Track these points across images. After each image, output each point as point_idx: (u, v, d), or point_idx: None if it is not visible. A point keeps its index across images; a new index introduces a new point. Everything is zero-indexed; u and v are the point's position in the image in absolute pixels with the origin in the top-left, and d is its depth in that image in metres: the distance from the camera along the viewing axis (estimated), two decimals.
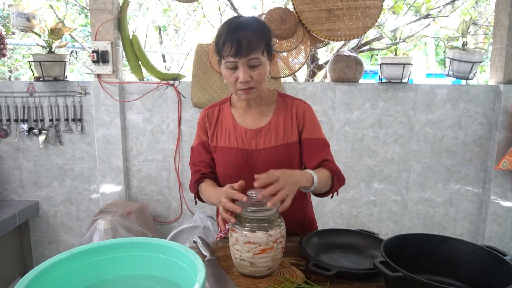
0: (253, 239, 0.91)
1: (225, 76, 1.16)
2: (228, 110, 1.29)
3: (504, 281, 0.78)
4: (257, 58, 1.11)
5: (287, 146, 1.23)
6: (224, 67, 1.15)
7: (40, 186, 2.50)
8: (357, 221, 2.58)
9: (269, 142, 1.22)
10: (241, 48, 1.07)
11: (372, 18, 2.26)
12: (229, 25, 1.12)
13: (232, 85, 1.16)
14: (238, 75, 1.11)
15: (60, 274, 0.79)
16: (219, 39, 1.13)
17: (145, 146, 2.46)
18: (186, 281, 0.78)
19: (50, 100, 2.37)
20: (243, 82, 1.12)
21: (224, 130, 1.27)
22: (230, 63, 1.11)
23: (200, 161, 1.29)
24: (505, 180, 2.47)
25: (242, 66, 1.10)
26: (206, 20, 4.13)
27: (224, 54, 1.11)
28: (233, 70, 1.12)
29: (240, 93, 1.17)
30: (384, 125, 2.48)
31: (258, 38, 1.11)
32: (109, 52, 2.30)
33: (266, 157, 1.22)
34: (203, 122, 1.30)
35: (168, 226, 2.55)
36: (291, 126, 1.25)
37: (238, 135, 1.24)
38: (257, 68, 1.13)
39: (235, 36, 1.08)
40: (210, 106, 1.33)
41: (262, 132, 1.23)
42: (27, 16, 2.27)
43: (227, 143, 1.26)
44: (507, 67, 2.39)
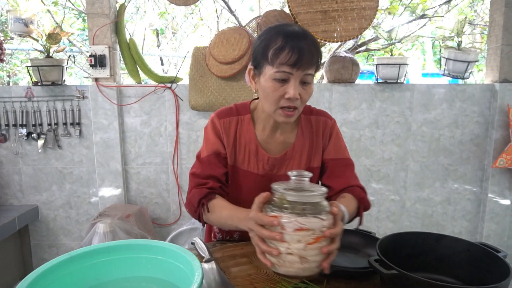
0: (306, 225, 0.74)
1: (267, 89, 0.99)
2: (250, 126, 1.13)
3: (498, 278, 0.79)
4: (311, 75, 0.98)
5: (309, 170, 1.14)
6: (270, 78, 0.97)
7: (39, 190, 2.51)
8: (354, 221, 2.59)
9: (291, 168, 1.13)
10: (302, 58, 0.94)
11: (368, 19, 2.28)
12: (284, 30, 0.97)
13: (272, 102, 0.99)
14: (287, 90, 0.96)
15: (59, 277, 0.80)
16: (270, 41, 0.97)
17: (144, 149, 2.47)
18: (184, 282, 0.79)
19: (48, 104, 2.38)
20: (292, 99, 0.96)
21: (244, 149, 1.13)
22: (284, 73, 0.95)
23: (209, 175, 1.09)
24: (502, 178, 2.48)
25: (294, 80, 0.96)
26: (203, 23, 4.15)
27: (276, 61, 0.95)
28: (282, 83, 0.97)
29: (280, 113, 1.00)
30: (381, 125, 2.50)
31: (318, 52, 0.98)
32: (106, 56, 2.31)
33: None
34: (218, 131, 1.12)
35: (167, 229, 2.55)
36: (314, 149, 1.14)
37: (260, 159, 1.13)
38: (307, 86, 0.99)
39: (297, 43, 0.94)
40: (225, 114, 1.14)
41: (286, 157, 1.13)
42: (25, 22, 2.28)
43: (246, 165, 1.13)
44: (502, 66, 2.40)
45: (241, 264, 1.04)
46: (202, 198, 1.05)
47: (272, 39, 0.97)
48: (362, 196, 1.09)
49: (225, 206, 1.02)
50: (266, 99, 1.01)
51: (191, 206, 1.09)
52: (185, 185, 2.51)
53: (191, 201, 1.08)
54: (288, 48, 0.93)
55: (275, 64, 0.96)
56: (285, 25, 1.01)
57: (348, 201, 1.04)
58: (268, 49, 0.97)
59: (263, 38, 1.00)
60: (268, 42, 0.98)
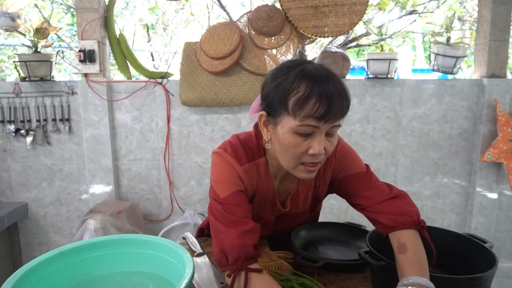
0: None
1: (289, 143, 0.83)
2: (267, 174, 0.99)
3: (485, 267, 0.80)
4: (339, 126, 0.83)
5: (315, 203, 1.13)
6: (291, 131, 0.81)
7: (28, 188, 2.48)
8: (346, 215, 2.62)
9: (296, 208, 1.08)
10: (331, 110, 0.78)
11: (358, 15, 2.29)
12: (306, 73, 0.80)
13: (294, 158, 0.85)
14: (311, 145, 0.81)
15: (50, 272, 0.80)
16: (291, 88, 0.80)
17: (135, 145, 2.46)
18: (175, 276, 0.79)
19: (37, 100, 2.35)
20: (316, 155, 0.82)
21: (261, 197, 1.02)
22: (309, 127, 0.79)
23: (246, 214, 0.89)
24: (490, 172, 2.52)
25: (320, 134, 0.81)
26: (194, 18, 4.13)
27: (300, 113, 0.78)
28: (305, 138, 0.81)
29: (301, 169, 0.86)
30: (371, 120, 2.52)
31: (347, 99, 0.82)
32: (96, 51, 2.29)
33: (292, 219, 1.12)
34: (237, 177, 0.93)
35: (159, 225, 2.55)
36: (320, 182, 1.06)
37: (273, 207, 1.06)
38: (332, 137, 0.85)
39: (324, 90, 0.77)
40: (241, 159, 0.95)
41: (292, 201, 1.06)
42: (12, 16, 2.24)
43: (260, 211, 1.05)
44: (490, 61, 2.44)
45: None
46: (241, 258, 0.81)
47: (293, 85, 0.80)
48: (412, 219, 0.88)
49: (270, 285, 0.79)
50: (284, 154, 0.86)
51: (222, 256, 0.83)
52: (177, 181, 2.51)
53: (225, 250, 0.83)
54: (315, 99, 0.77)
55: (298, 117, 0.79)
56: (306, 65, 0.83)
57: (415, 253, 0.82)
58: (289, 97, 0.80)
59: (280, 81, 0.82)
60: (288, 88, 0.80)
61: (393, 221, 0.89)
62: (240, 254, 0.80)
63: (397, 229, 0.88)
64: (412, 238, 0.85)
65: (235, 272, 0.80)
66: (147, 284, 0.85)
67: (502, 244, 2.65)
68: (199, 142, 2.47)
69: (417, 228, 0.88)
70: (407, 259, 0.81)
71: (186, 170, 2.50)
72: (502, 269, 2.60)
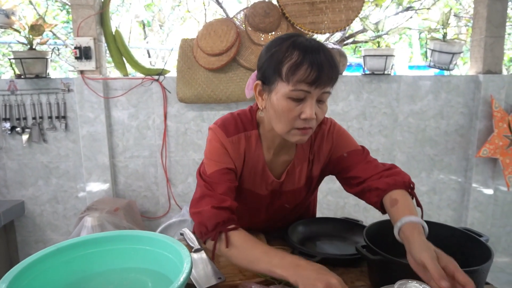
0: None
1: (280, 109, 0.88)
2: (258, 145, 1.03)
3: (481, 260, 0.81)
4: (329, 92, 0.89)
5: (309, 182, 1.13)
6: (285, 96, 0.87)
7: (25, 185, 2.47)
8: (343, 211, 2.63)
9: (292, 185, 1.09)
10: (321, 76, 0.84)
11: (355, 11, 2.29)
12: (299, 43, 0.87)
13: (286, 122, 0.90)
14: (303, 110, 0.87)
15: (46, 269, 0.80)
16: (285, 55, 0.86)
17: (131, 142, 2.45)
18: (173, 272, 0.79)
19: (32, 97, 2.34)
20: (308, 119, 0.88)
21: (250, 170, 1.04)
22: (301, 92, 0.85)
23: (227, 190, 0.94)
24: (486, 168, 2.54)
25: (311, 99, 0.86)
26: (190, 15, 4.11)
27: (293, 79, 0.85)
28: (297, 102, 0.87)
29: (294, 133, 0.91)
30: (368, 116, 2.52)
31: (337, 67, 0.88)
32: (92, 48, 2.27)
33: (287, 198, 1.12)
34: (225, 150, 0.99)
35: (156, 222, 2.54)
36: (314, 159, 1.09)
37: (264, 181, 1.07)
38: (323, 104, 0.91)
39: (315, 57, 0.84)
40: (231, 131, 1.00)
41: (287, 175, 1.08)
42: (6, 13, 2.22)
43: (251, 185, 1.06)
44: (486, 57, 2.45)
45: None
46: (219, 223, 0.88)
47: (286, 53, 0.86)
48: (403, 180, 0.97)
49: (254, 245, 0.85)
50: (279, 119, 0.90)
51: (202, 225, 0.90)
52: (174, 178, 2.50)
53: (204, 220, 0.90)
54: (307, 64, 0.83)
55: (291, 82, 0.85)
56: (298, 37, 0.89)
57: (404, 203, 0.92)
58: (282, 65, 0.86)
59: (275, 51, 0.88)
60: (282, 57, 0.86)
61: (387, 184, 0.97)
62: (218, 220, 0.88)
63: (390, 191, 0.96)
64: (402, 195, 0.95)
65: (215, 236, 0.87)
66: (145, 280, 0.85)
67: (497, 239, 2.67)
68: (196, 139, 2.46)
69: (407, 188, 0.97)
70: (399, 208, 0.90)
71: (183, 167, 2.49)
72: (497, 264, 2.62)
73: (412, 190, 0.99)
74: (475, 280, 0.78)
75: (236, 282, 0.89)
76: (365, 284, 0.92)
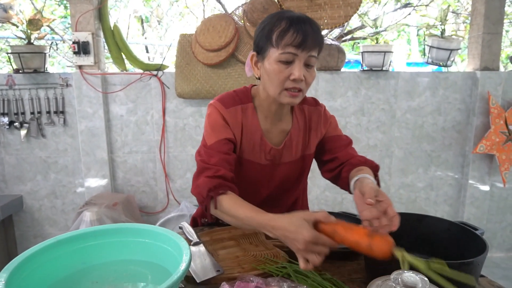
0: None
1: (272, 72, 0.99)
2: (254, 116, 1.12)
3: (476, 253, 0.82)
4: (315, 57, 0.99)
5: (303, 158, 1.19)
6: (274, 60, 0.98)
7: (23, 180, 2.47)
8: (341, 207, 2.64)
9: (289, 157, 1.16)
10: (307, 39, 0.95)
11: (354, 7, 2.29)
12: (287, 15, 0.99)
13: (278, 84, 0.99)
14: (292, 71, 0.97)
15: (46, 261, 0.80)
16: (275, 25, 0.98)
17: (130, 138, 2.45)
18: (172, 264, 0.79)
19: (30, 92, 2.33)
20: (297, 80, 0.97)
21: (249, 140, 1.12)
22: (289, 54, 0.96)
23: (220, 160, 1.02)
24: (482, 164, 2.56)
25: (299, 61, 0.97)
26: (189, 11, 4.10)
27: (281, 43, 0.96)
28: (286, 65, 0.97)
29: (285, 94, 1.01)
30: (366, 112, 2.53)
31: (321, 36, 1.00)
32: (90, 43, 2.27)
33: (284, 171, 1.17)
34: (223, 121, 1.08)
35: (155, 217, 2.55)
36: (309, 138, 1.18)
37: (263, 150, 1.13)
38: (311, 69, 1.00)
39: (301, 25, 0.96)
40: (228, 103, 1.10)
41: (285, 147, 1.15)
42: (4, 7, 2.21)
43: (251, 156, 1.13)
44: (483, 54, 2.46)
45: (228, 247, 1.05)
46: (211, 189, 0.97)
47: (276, 23, 0.98)
48: (369, 161, 1.12)
49: (240, 204, 0.94)
50: (271, 82, 1.01)
51: (199, 195, 1.00)
52: (172, 173, 2.51)
53: (200, 190, 0.99)
54: (293, 30, 0.95)
55: (280, 46, 0.96)
56: (287, 11, 1.02)
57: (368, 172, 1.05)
58: (272, 33, 0.98)
59: (267, 23, 1.01)
60: (272, 26, 0.99)
61: (359, 161, 1.11)
62: (210, 186, 0.97)
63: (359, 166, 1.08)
64: (368, 170, 1.06)
65: (208, 201, 0.97)
66: (144, 272, 0.86)
67: (493, 235, 2.70)
68: (194, 135, 2.47)
69: (375, 170, 1.09)
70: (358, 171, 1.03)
71: (182, 162, 2.50)
72: (492, 259, 2.64)
73: (377, 173, 1.11)
74: (469, 273, 0.80)
75: (234, 274, 0.89)
76: (362, 277, 0.93)
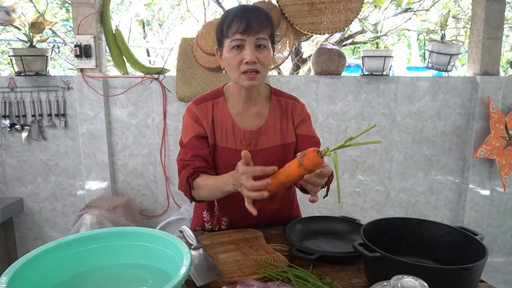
0: None
1: (228, 59, 1.09)
2: (224, 106, 1.21)
3: (475, 258, 0.82)
4: (264, 39, 1.07)
5: (284, 146, 1.21)
6: (228, 49, 1.08)
7: (24, 183, 2.47)
8: (341, 211, 2.64)
9: (267, 142, 1.20)
10: (251, 25, 1.04)
11: (354, 12, 2.30)
12: (236, 7, 1.10)
13: (235, 69, 1.09)
14: (244, 56, 1.06)
15: (47, 264, 0.81)
16: (224, 19, 1.09)
17: (131, 141, 2.46)
18: (172, 268, 0.80)
19: (32, 95, 2.34)
20: (250, 62, 1.05)
21: (221, 128, 1.20)
22: (237, 40, 1.05)
23: (194, 156, 1.16)
24: (482, 168, 2.56)
25: (249, 45, 1.06)
26: (190, 14, 4.11)
27: (230, 32, 1.06)
28: (238, 50, 1.07)
29: (243, 78, 1.09)
30: (366, 116, 2.54)
31: (267, 20, 1.09)
32: (92, 46, 2.28)
33: (264, 158, 1.19)
34: (196, 117, 1.19)
35: (155, 220, 2.55)
36: (287, 126, 1.22)
37: (237, 135, 1.19)
38: (263, 50, 1.08)
39: (245, 14, 1.06)
40: (200, 100, 1.22)
41: (260, 132, 1.20)
42: (6, 10, 2.23)
43: (224, 143, 1.19)
44: (483, 59, 2.46)
45: (229, 251, 1.05)
46: (188, 176, 1.11)
47: (225, 18, 1.09)
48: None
49: (209, 178, 1.10)
50: (230, 68, 1.11)
51: (182, 187, 1.15)
52: (173, 176, 2.51)
53: (181, 182, 1.15)
54: (237, 19, 1.05)
55: (229, 35, 1.07)
56: (238, 5, 1.13)
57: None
58: (223, 25, 1.08)
59: (220, 19, 1.12)
60: (223, 20, 1.10)
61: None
62: (187, 175, 1.11)
63: None
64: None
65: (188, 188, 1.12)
66: (144, 275, 0.86)
67: (493, 239, 2.69)
68: None
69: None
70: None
71: None
72: (493, 263, 2.64)
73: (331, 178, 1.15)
74: (469, 277, 0.80)
75: (234, 278, 0.90)
76: (362, 281, 0.93)
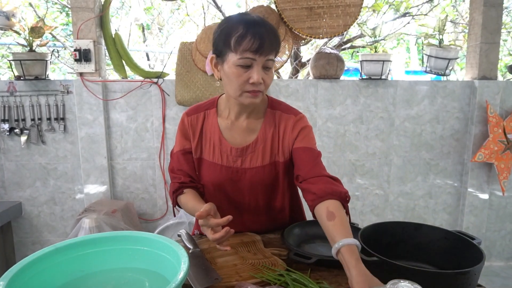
0: None
1: (230, 75, 1.02)
2: (214, 119, 1.18)
3: (472, 262, 0.83)
4: (273, 60, 1.03)
5: (274, 165, 1.17)
6: (234, 64, 1.00)
7: (22, 187, 2.47)
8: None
9: (256, 161, 1.16)
10: (263, 45, 0.98)
11: (352, 16, 2.31)
12: (244, 19, 1.01)
13: (238, 86, 1.03)
14: (251, 75, 1.00)
15: (45, 268, 0.80)
16: (231, 30, 1.00)
17: (130, 145, 2.46)
18: (170, 272, 0.80)
19: (31, 99, 2.35)
20: (256, 83, 1.01)
21: (209, 141, 1.18)
22: (247, 59, 0.99)
23: (179, 170, 1.19)
24: (481, 172, 2.56)
25: (257, 65, 1.00)
26: (189, 19, 4.13)
27: (240, 48, 0.98)
28: (245, 69, 1.01)
29: (246, 96, 1.04)
30: (365, 120, 2.54)
31: (276, 39, 1.03)
32: (91, 51, 2.29)
33: (251, 176, 1.17)
34: (185, 129, 1.19)
35: (154, 224, 2.55)
36: (278, 143, 1.16)
37: (224, 151, 1.16)
38: (269, 71, 1.04)
39: (258, 30, 0.98)
40: (194, 110, 1.20)
41: (249, 150, 1.16)
42: (6, 15, 2.24)
43: (211, 157, 1.18)
44: (481, 63, 2.48)
45: (226, 255, 1.05)
46: (173, 191, 1.17)
47: (233, 28, 1.00)
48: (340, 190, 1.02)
49: (189, 199, 1.12)
50: (231, 85, 1.04)
51: (170, 197, 1.21)
52: None
53: (169, 193, 1.21)
54: (250, 35, 0.97)
55: (238, 51, 0.99)
56: (244, 14, 1.05)
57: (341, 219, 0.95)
58: (231, 38, 0.99)
59: (224, 27, 1.03)
60: (230, 31, 1.00)
61: (323, 192, 1.01)
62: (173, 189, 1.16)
63: (326, 199, 0.99)
64: (338, 207, 0.98)
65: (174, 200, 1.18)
66: (142, 280, 0.86)
67: (492, 243, 2.69)
68: None
69: (343, 200, 1.01)
70: (336, 225, 0.93)
71: None
72: (492, 268, 2.64)
73: (347, 203, 1.02)
74: (466, 282, 0.80)
75: (232, 282, 0.90)
76: None
